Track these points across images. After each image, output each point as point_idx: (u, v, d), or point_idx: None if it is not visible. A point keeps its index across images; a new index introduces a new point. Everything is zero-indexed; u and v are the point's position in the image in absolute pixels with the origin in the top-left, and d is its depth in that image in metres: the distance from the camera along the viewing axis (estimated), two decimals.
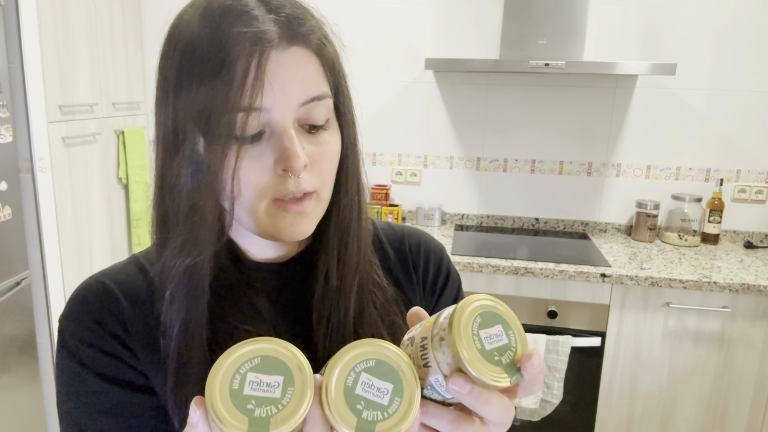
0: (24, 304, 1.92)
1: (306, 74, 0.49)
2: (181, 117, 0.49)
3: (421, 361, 0.41)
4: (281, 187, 0.50)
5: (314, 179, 0.52)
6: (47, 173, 1.92)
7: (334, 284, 0.58)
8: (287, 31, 0.48)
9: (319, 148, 0.52)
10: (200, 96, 0.47)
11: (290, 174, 0.49)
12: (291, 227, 0.52)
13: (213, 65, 0.46)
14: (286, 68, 0.48)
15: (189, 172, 0.49)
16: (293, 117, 0.50)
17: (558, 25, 2.04)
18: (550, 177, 2.38)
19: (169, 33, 0.50)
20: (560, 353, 1.87)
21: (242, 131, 0.48)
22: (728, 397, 1.88)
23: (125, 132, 2.32)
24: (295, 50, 0.49)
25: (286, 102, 0.48)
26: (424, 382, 0.41)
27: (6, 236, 1.82)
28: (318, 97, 0.50)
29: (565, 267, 1.88)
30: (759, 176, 2.25)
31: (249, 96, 0.46)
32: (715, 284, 1.79)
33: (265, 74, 0.47)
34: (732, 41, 2.16)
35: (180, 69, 0.48)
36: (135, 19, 2.41)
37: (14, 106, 1.84)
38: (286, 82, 0.48)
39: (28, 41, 1.82)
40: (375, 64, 2.39)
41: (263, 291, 0.59)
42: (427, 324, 0.42)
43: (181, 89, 0.48)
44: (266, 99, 0.47)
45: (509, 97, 2.34)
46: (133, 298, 0.57)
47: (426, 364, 0.40)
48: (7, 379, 1.86)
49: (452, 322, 0.39)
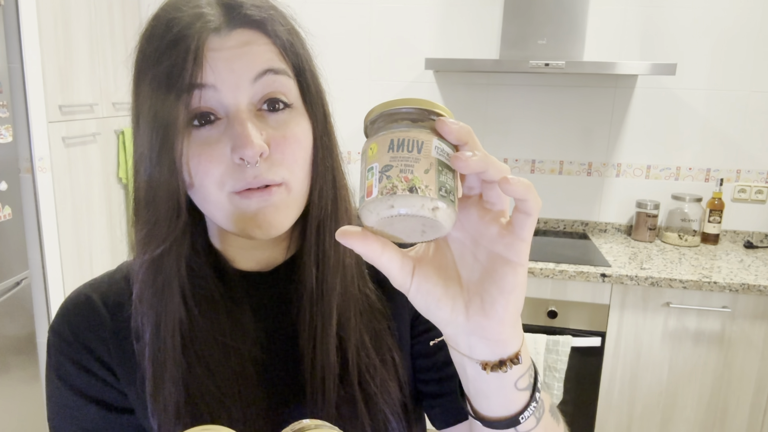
0: (24, 304, 1.92)
1: (255, 51, 0.48)
2: (137, 106, 0.49)
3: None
4: (239, 177, 0.47)
5: (279, 168, 0.48)
6: (47, 173, 1.92)
7: (314, 287, 0.55)
8: (230, 12, 0.48)
9: (281, 131, 0.49)
10: (149, 81, 0.47)
11: (247, 162, 0.46)
12: (257, 218, 0.48)
13: (159, 51, 0.46)
14: (230, 48, 0.47)
15: (145, 162, 0.48)
16: (248, 98, 0.48)
17: (558, 25, 2.04)
18: (550, 177, 2.38)
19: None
20: (560, 353, 1.87)
21: (188, 114, 0.47)
22: (728, 397, 1.88)
23: (125, 132, 2.32)
24: (241, 32, 0.48)
25: (236, 80, 0.47)
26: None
27: (6, 236, 1.82)
28: (273, 69, 0.48)
29: (565, 267, 1.88)
30: (759, 176, 2.25)
31: (189, 75, 0.45)
32: (715, 284, 1.79)
33: (204, 53, 0.46)
34: (732, 41, 2.16)
35: (138, 58, 0.49)
36: (135, 19, 2.41)
37: (14, 106, 1.84)
38: (232, 60, 0.47)
39: (28, 41, 1.82)
40: (375, 64, 2.39)
41: (246, 302, 0.56)
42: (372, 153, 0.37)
43: (137, 79, 0.49)
44: (209, 77, 0.46)
45: (509, 97, 2.34)
46: (116, 311, 0.55)
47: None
48: (7, 379, 1.86)
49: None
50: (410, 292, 0.39)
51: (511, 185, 0.35)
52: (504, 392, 0.42)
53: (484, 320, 0.39)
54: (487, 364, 0.40)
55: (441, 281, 0.39)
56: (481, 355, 0.40)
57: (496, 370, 0.40)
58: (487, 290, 0.38)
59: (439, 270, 0.40)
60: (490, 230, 0.38)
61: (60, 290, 2.02)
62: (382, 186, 0.34)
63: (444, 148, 0.36)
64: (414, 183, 0.34)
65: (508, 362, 0.40)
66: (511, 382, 0.41)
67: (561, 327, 1.92)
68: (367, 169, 0.36)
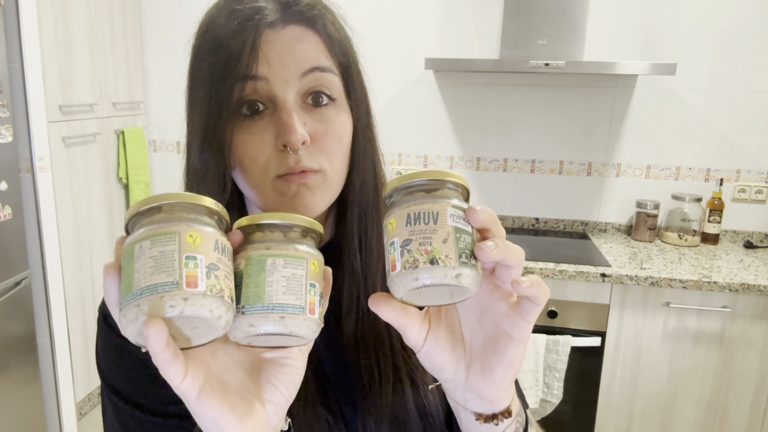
0: (24, 304, 1.92)
1: (305, 48, 0.51)
2: (193, 88, 0.53)
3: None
4: (282, 162, 0.50)
5: (318, 157, 0.52)
6: (47, 173, 1.92)
7: (359, 269, 0.58)
8: (285, 9, 0.51)
9: (323, 125, 0.52)
10: (207, 67, 0.50)
11: (289, 149, 0.49)
12: (296, 198, 0.52)
13: (219, 40, 0.50)
14: (284, 42, 0.50)
15: (197, 142, 0.52)
16: (295, 91, 0.50)
17: (558, 25, 2.04)
18: (550, 177, 2.38)
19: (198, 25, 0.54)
20: (560, 353, 1.87)
21: (240, 103, 0.50)
22: (728, 397, 1.88)
23: (125, 132, 2.32)
24: (294, 28, 0.51)
25: (285, 74, 0.50)
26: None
27: (6, 236, 1.82)
28: (320, 67, 0.51)
29: (565, 267, 1.88)
30: (759, 176, 2.25)
31: (245, 66, 0.48)
32: (715, 284, 1.79)
33: (260, 46, 0.49)
34: (732, 41, 2.16)
35: (197, 44, 0.53)
36: (135, 19, 2.41)
37: (14, 106, 1.84)
38: (284, 54, 0.50)
39: (28, 41, 1.82)
40: (375, 64, 2.38)
41: None
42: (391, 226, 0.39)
43: (194, 67, 0.53)
44: (263, 69, 0.49)
45: (509, 97, 2.34)
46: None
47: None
48: (7, 379, 1.86)
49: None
50: (420, 353, 0.43)
51: (522, 286, 0.38)
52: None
53: (482, 383, 0.43)
54: (480, 416, 0.45)
55: (449, 344, 0.43)
56: (475, 408, 0.45)
57: (488, 422, 0.45)
58: (488, 357, 0.42)
59: (448, 332, 0.43)
60: (499, 306, 0.41)
61: (60, 290, 2.02)
62: (404, 260, 0.37)
63: (459, 214, 0.38)
64: (434, 254, 0.36)
65: (499, 416, 0.45)
66: (501, 429, 0.46)
67: (561, 327, 1.92)
68: (389, 243, 0.39)
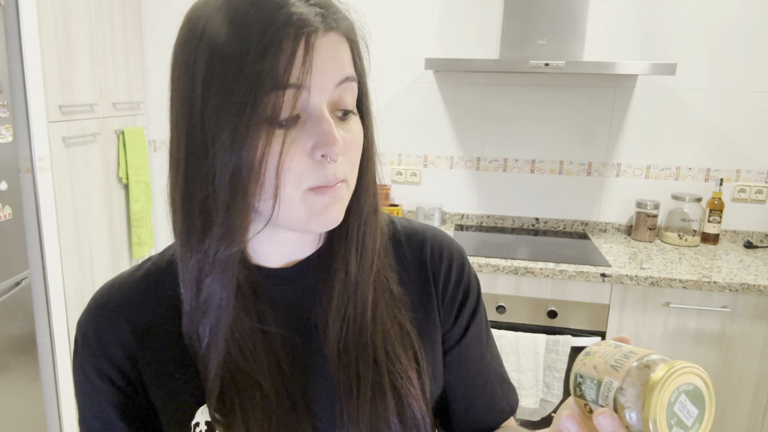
0: (24, 304, 1.92)
1: (341, 55, 0.50)
2: (213, 104, 0.46)
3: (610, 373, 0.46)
4: (318, 173, 0.49)
5: (345, 167, 0.51)
6: (47, 173, 1.92)
7: (354, 276, 0.57)
8: (326, 17, 0.49)
9: (350, 134, 0.51)
10: (241, 80, 0.45)
11: (329, 159, 0.48)
12: (325, 212, 0.51)
13: (257, 48, 0.45)
14: (326, 50, 0.49)
15: (221, 157, 0.46)
16: (327, 100, 0.49)
17: (558, 25, 2.04)
18: (550, 177, 2.38)
19: (190, 25, 0.49)
20: (560, 353, 1.87)
21: (286, 113, 0.47)
22: (728, 397, 1.88)
23: (125, 132, 2.32)
24: (333, 35, 0.50)
25: (324, 82, 0.48)
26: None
27: (6, 236, 1.82)
28: (351, 77, 0.51)
29: (565, 267, 1.88)
30: (759, 176, 2.25)
31: (298, 74, 0.46)
32: (715, 284, 1.79)
33: (310, 54, 0.47)
34: (732, 41, 2.16)
35: (211, 55, 0.46)
36: (135, 19, 2.41)
37: (14, 106, 1.84)
38: (326, 62, 0.48)
39: (28, 41, 1.82)
40: (375, 64, 2.38)
41: (272, 294, 0.58)
42: (631, 364, 0.45)
43: (212, 76, 0.46)
44: (308, 77, 0.47)
45: (509, 97, 2.34)
46: (143, 312, 0.59)
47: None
48: (7, 379, 1.86)
49: (655, 387, 0.42)
50: None
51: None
52: None
53: None
54: None
55: None
56: None
57: None
58: None
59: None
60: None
61: (60, 290, 2.02)
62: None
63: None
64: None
65: None
66: None
67: (561, 327, 1.92)
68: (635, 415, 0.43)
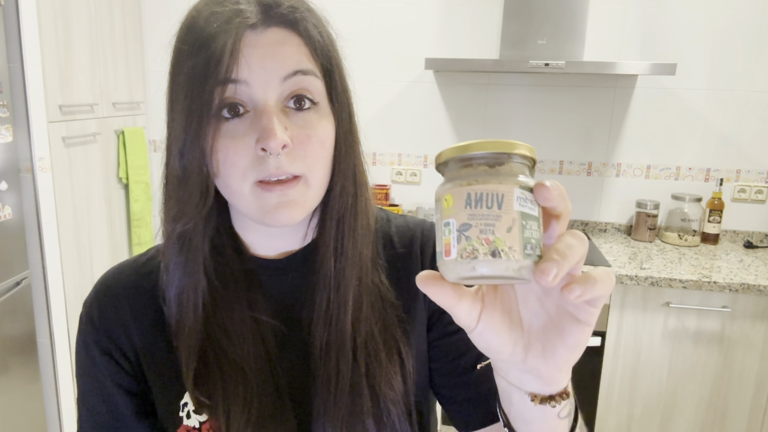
0: (24, 304, 1.92)
1: (287, 51, 0.50)
2: (173, 92, 0.52)
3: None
4: (262, 167, 0.49)
5: (299, 163, 0.51)
6: (47, 173, 1.92)
7: (332, 278, 0.57)
8: (266, 11, 0.50)
9: (305, 130, 0.51)
10: (186, 71, 0.50)
11: (269, 153, 0.49)
12: (276, 210, 0.51)
13: (198, 43, 0.49)
14: (265, 46, 0.49)
15: (177, 147, 0.51)
16: (276, 95, 0.50)
17: (558, 25, 2.04)
18: (550, 177, 2.38)
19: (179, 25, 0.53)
20: None
21: (220, 106, 0.49)
22: (728, 397, 1.88)
23: (125, 132, 2.32)
24: (276, 30, 0.50)
25: (266, 78, 0.49)
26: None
27: (6, 236, 1.82)
28: (302, 71, 0.50)
29: None
30: (759, 176, 2.25)
31: (225, 69, 0.48)
32: (715, 284, 1.79)
33: (240, 49, 0.48)
34: (732, 41, 2.16)
35: (175, 52, 0.52)
36: (135, 19, 2.41)
37: (14, 106, 1.84)
38: (266, 58, 0.49)
39: (28, 41, 1.82)
40: (375, 64, 2.39)
41: (262, 285, 0.60)
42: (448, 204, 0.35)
43: (175, 66, 0.52)
44: (244, 73, 0.48)
45: (509, 97, 2.34)
46: (141, 292, 0.61)
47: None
48: (7, 379, 1.86)
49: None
50: (473, 333, 0.39)
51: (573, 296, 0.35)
52: (546, 421, 0.42)
53: (542, 365, 0.39)
54: (535, 396, 0.41)
55: (505, 327, 0.39)
56: (531, 388, 0.41)
57: (544, 403, 0.41)
58: (550, 340, 0.39)
59: (503, 312, 0.39)
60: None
61: (60, 290, 2.02)
62: (461, 248, 0.33)
63: (527, 195, 0.33)
64: (496, 245, 0.32)
65: (557, 397, 0.41)
66: (555, 412, 0.42)
67: None
68: (443, 223, 0.34)
